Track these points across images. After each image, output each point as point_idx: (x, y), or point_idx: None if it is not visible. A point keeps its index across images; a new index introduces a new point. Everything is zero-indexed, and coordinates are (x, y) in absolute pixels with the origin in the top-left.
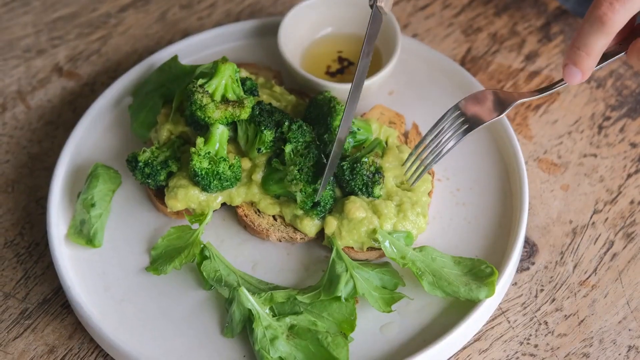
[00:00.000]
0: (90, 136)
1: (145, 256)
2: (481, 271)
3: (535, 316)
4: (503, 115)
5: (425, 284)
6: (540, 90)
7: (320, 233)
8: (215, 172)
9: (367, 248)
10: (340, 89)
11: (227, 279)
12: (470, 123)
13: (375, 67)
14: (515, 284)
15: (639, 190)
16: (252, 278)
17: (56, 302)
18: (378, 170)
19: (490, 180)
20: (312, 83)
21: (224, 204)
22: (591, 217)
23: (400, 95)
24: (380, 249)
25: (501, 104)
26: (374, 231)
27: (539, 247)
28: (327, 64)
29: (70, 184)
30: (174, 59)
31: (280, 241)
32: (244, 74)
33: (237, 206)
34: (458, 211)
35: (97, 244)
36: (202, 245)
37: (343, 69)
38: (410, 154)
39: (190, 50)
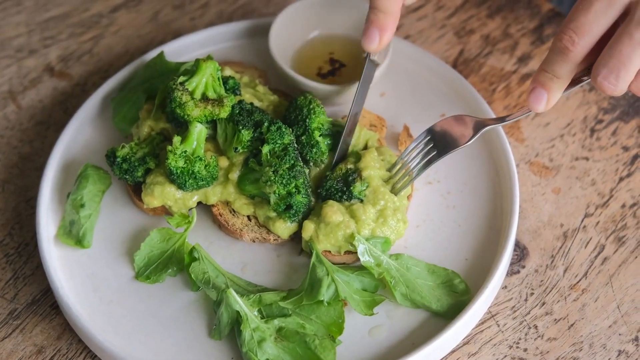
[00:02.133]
0: (80, 136)
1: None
2: (454, 286)
3: (525, 320)
4: (470, 142)
5: (398, 295)
6: (504, 118)
7: (297, 235)
8: (190, 172)
9: (345, 252)
10: (331, 91)
11: (216, 281)
12: (439, 149)
13: None
14: (505, 287)
15: (631, 194)
16: (241, 280)
17: (45, 302)
18: (351, 172)
19: (481, 183)
20: (303, 85)
21: (201, 203)
22: (582, 221)
23: (392, 97)
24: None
25: (471, 130)
26: (352, 236)
27: (530, 250)
28: (319, 65)
29: (60, 184)
30: (160, 55)
31: (253, 241)
32: (228, 72)
33: (213, 205)
34: (448, 214)
35: (86, 245)
36: (191, 247)
37: (334, 70)
38: (388, 171)
39: (181, 50)
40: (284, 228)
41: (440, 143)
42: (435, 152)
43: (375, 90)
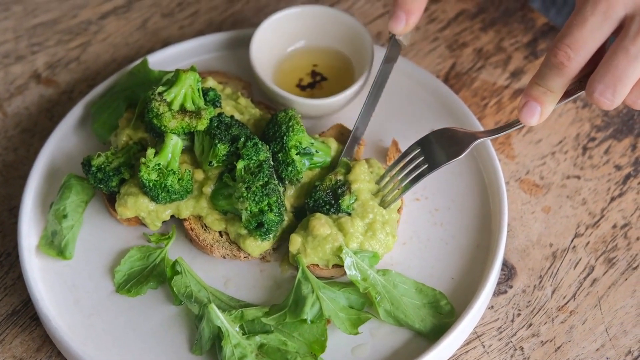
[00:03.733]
0: (65, 145)
1: None
2: (440, 307)
3: (511, 341)
4: (462, 156)
5: (382, 311)
6: (497, 130)
7: (286, 252)
8: (163, 185)
9: (333, 265)
10: (305, 104)
11: (198, 295)
12: (429, 164)
13: (347, 84)
14: (492, 307)
15: (622, 214)
16: (223, 295)
17: (25, 313)
18: (340, 185)
19: (470, 200)
20: (278, 96)
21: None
22: (572, 241)
23: (380, 111)
24: None
25: (459, 145)
26: (340, 249)
27: (518, 270)
28: (300, 76)
29: (44, 193)
30: (144, 62)
31: (224, 258)
32: (211, 83)
33: (184, 219)
34: (435, 231)
35: (68, 256)
36: (173, 261)
37: (315, 83)
38: (377, 184)
39: (168, 59)
40: (255, 246)
41: (430, 156)
42: (426, 166)
43: (351, 105)
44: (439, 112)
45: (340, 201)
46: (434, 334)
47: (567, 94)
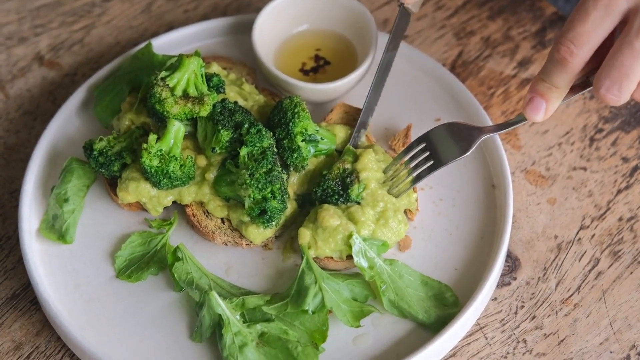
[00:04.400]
0: (67, 128)
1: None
2: (445, 299)
3: (514, 334)
4: (467, 154)
5: (385, 301)
6: (503, 126)
7: (293, 242)
8: (164, 171)
9: (347, 256)
10: (307, 89)
11: (199, 282)
12: (435, 160)
13: (350, 69)
14: (495, 299)
15: (629, 207)
16: (225, 282)
17: (25, 297)
18: (348, 174)
19: (475, 191)
20: (281, 80)
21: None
22: (577, 233)
23: (385, 99)
24: None
25: (466, 141)
26: (351, 236)
27: (522, 261)
28: (303, 60)
29: (45, 177)
30: (148, 46)
31: (226, 245)
32: (215, 68)
33: (187, 205)
34: (440, 222)
35: (68, 240)
36: (175, 247)
37: (318, 67)
38: (383, 174)
39: (172, 43)
40: (257, 233)
41: (435, 153)
42: (432, 162)
43: (355, 88)
44: (445, 101)
45: (349, 190)
46: (437, 325)
47: (573, 90)
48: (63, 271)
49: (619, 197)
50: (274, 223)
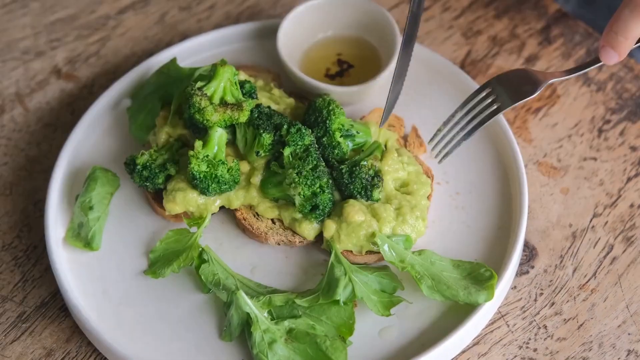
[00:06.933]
0: (88, 139)
1: (143, 259)
2: (480, 275)
3: (535, 320)
4: (535, 95)
5: (424, 288)
6: (572, 70)
7: (319, 236)
8: (213, 176)
9: (366, 252)
10: (338, 92)
11: (226, 283)
12: (501, 103)
13: (375, 70)
14: (515, 287)
15: (639, 193)
16: (251, 281)
17: (54, 305)
18: (377, 174)
19: (490, 184)
20: (311, 86)
21: (222, 207)
22: (591, 221)
23: (400, 98)
24: (379, 252)
25: (532, 84)
26: (373, 235)
27: (539, 250)
28: (327, 66)
29: (69, 186)
30: (173, 61)
31: (279, 244)
32: (243, 76)
33: (236, 209)
34: (457, 215)
35: (95, 247)
36: (200, 249)
37: (342, 71)
38: (438, 130)
39: (188, 52)
40: (310, 229)
41: (503, 94)
42: (497, 106)
43: (383, 90)
44: (458, 99)
45: (372, 191)
46: (481, 299)
47: None
48: (91, 277)
49: (629, 185)
50: (325, 216)
